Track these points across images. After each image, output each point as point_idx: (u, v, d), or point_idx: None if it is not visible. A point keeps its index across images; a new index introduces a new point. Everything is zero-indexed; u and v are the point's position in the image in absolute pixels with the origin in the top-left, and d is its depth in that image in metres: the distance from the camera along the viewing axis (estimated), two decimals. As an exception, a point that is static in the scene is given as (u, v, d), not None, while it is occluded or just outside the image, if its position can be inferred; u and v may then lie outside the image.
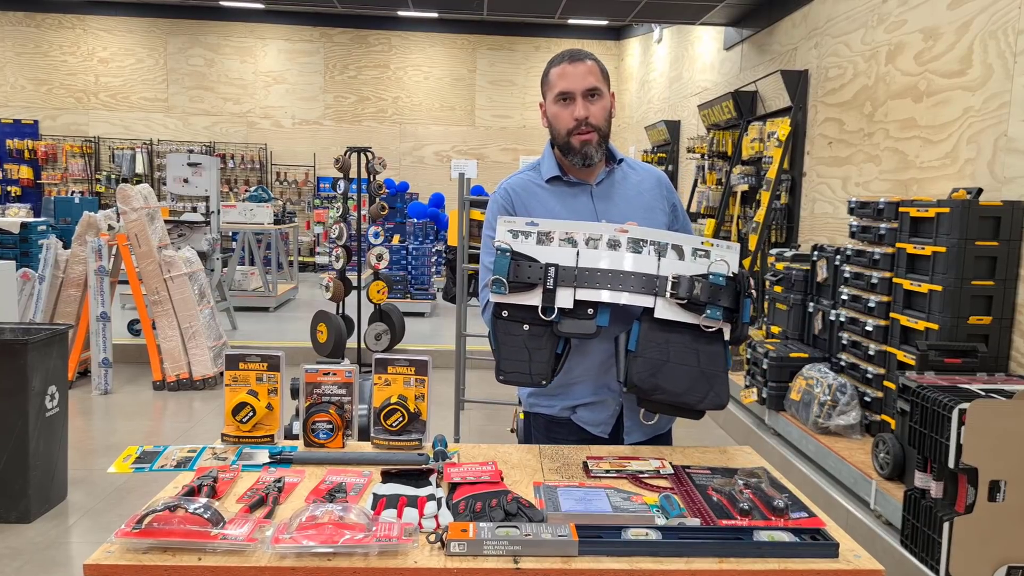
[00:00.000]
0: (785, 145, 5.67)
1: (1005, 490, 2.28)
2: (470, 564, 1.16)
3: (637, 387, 1.60)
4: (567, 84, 1.74)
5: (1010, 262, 3.24)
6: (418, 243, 8.94)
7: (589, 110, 1.74)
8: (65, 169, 12.28)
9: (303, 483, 1.48)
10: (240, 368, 1.70)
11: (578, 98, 1.74)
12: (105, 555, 1.16)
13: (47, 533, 3.25)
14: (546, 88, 1.80)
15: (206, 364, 5.53)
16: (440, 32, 12.68)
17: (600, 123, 1.76)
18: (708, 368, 1.61)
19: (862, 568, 1.19)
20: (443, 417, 4.62)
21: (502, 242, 1.59)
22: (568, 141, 1.76)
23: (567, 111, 1.75)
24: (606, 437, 1.81)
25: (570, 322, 1.59)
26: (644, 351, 1.59)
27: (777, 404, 4.26)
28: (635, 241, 1.60)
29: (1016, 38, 3.40)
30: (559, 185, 1.82)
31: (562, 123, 1.76)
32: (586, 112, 1.73)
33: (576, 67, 1.74)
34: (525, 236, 1.60)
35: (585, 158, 1.77)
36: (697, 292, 1.57)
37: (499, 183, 1.90)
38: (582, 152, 1.76)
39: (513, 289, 1.58)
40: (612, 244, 1.60)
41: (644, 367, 1.58)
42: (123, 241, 5.40)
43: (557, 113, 1.77)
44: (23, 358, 3.24)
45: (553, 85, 1.77)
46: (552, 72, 1.78)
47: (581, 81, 1.73)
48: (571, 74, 1.74)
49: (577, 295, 1.57)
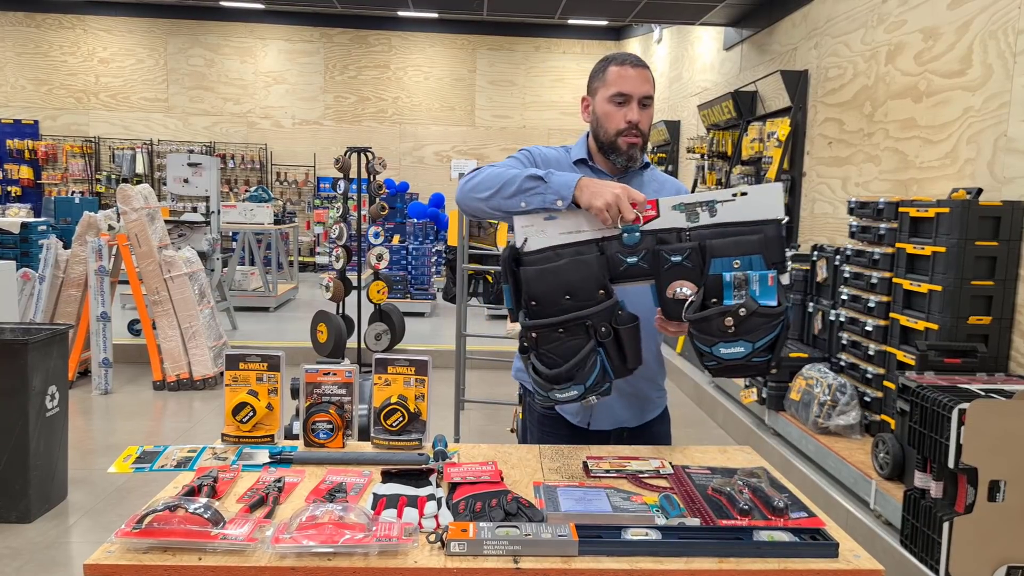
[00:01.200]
0: (785, 145, 5.67)
1: (1005, 490, 2.28)
2: (470, 564, 1.16)
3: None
4: (627, 86, 1.75)
5: (1010, 262, 3.24)
6: (418, 243, 8.94)
7: (641, 116, 1.76)
8: (65, 169, 12.28)
9: (303, 483, 1.48)
10: (240, 368, 1.70)
11: (634, 102, 1.75)
12: (105, 555, 1.17)
13: (47, 533, 3.25)
14: (599, 84, 1.80)
15: (206, 364, 5.53)
16: (440, 32, 12.68)
17: (646, 130, 1.79)
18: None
19: (862, 568, 1.19)
20: (443, 417, 4.62)
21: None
22: (615, 141, 1.78)
23: (620, 112, 1.76)
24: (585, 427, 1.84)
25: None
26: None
27: (777, 404, 4.26)
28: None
29: (1016, 38, 3.40)
30: (584, 169, 1.84)
31: (613, 123, 1.77)
32: (639, 118, 1.76)
33: (638, 73, 1.76)
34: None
35: (629, 160, 1.79)
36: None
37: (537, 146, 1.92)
38: (628, 154, 1.78)
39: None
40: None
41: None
42: (123, 241, 5.40)
43: (610, 112, 1.77)
44: (23, 358, 3.24)
45: (610, 84, 1.77)
46: (611, 71, 1.78)
47: (640, 87, 1.76)
48: (632, 77, 1.76)
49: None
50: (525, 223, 1.49)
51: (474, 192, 1.67)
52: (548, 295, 1.47)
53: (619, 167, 1.81)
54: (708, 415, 5.40)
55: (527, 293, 1.48)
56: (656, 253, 1.47)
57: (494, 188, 1.62)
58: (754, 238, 1.44)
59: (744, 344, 1.44)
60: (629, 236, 1.47)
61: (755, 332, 1.43)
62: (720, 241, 1.45)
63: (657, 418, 1.94)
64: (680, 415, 5.45)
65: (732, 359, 1.45)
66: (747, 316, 1.41)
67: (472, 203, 1.69)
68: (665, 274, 1.47)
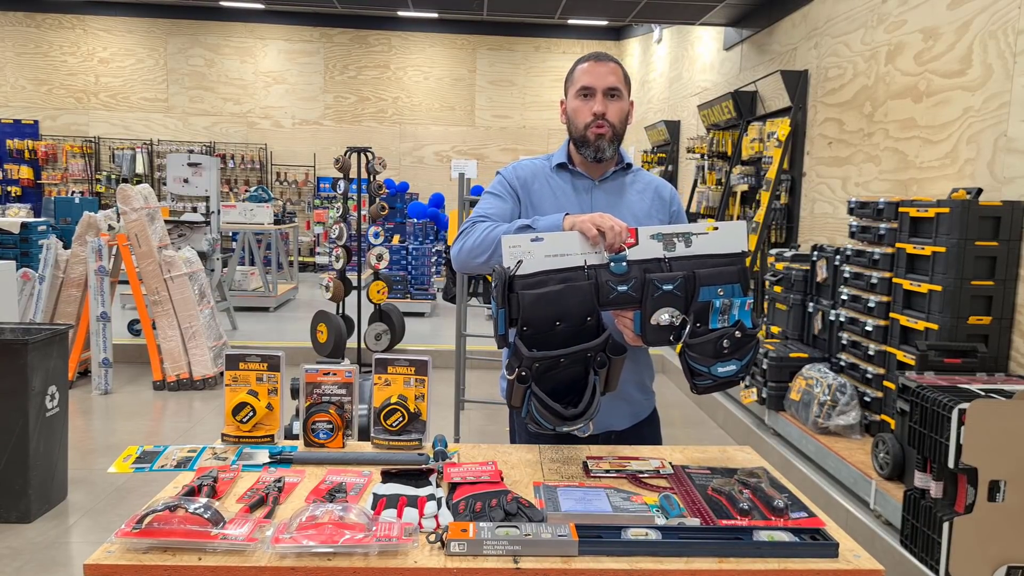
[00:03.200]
0: (785, 145, 5.67)
1: (1005, 490, 2.28)
2: (470, 564, 1.16)
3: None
4: (590, 80, 1.81)
5: (1010, 262, 3.24)
6: (418, 243, 8.94)
7: (607, 107, 1.80)
8: (65, 169, 12.28)
9: (303, 483, 1.48)
10: (240, 368, 1.70)
11: (598, 94, 1.80)
12: (105, 555, 1.16)
13: (47, 533, 3.25)
14: (569, 84, 1.87)
15: (206, 364, 5.53)
16: (440, 32, 12.68)
17: (615, 121, 1.82)
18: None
19: (862, 568, 1.19)
20: (443, 417, 4.62)
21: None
22: (584, 134, 1.82)
23: (587, 106, 1.81)
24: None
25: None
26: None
27: (777, 404, 4.26)
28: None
29: (1016, 38, 3.40)
30: (564, 173, 1.89)
31: (580, 117, 1.82)
32: (604, 108, 1.79)
33: (600, 66, 1.82)
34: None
35: (597, 151, 1.81)
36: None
37: (512, 163, 1.96)
38: (595, 145, 1.81)
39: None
40: None
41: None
42: (123, 241, 5.40)
43: (577, 107, 1.83)
44: (23, 358, 3.24)
45: (576, 80, 1.84)
46: (577, 69, 1.85)
47: (603, 79, 1.80)
48: (594, 72, 1.81)
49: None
50: (513, 244, 1.50)
51: (471, 257, 1.71)
52: (542, 320, 1.48)
53: (591, 160, 1.83)
54: (708, 415, 5.41)
55: (523, 318, 1.47)
56: (646, 282, 1.51)
57: (489, 250, 1.67)
58: (733, 268, 1.54)
59: (735, 362, 1.55)
60: (616, 265, 1.52)
61: (743, 351, 1.54)
62: (707, 271, 1.52)
63: (646, 420, 1.94)
64: (680, 415, 5.46)
65: (726, 376, 1.56)
66: (740, 338, 1.52)
67: (472, 267, 1.72)
68: (654, 301, 1.51)
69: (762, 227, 5.62)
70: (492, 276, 1.53)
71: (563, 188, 1.86)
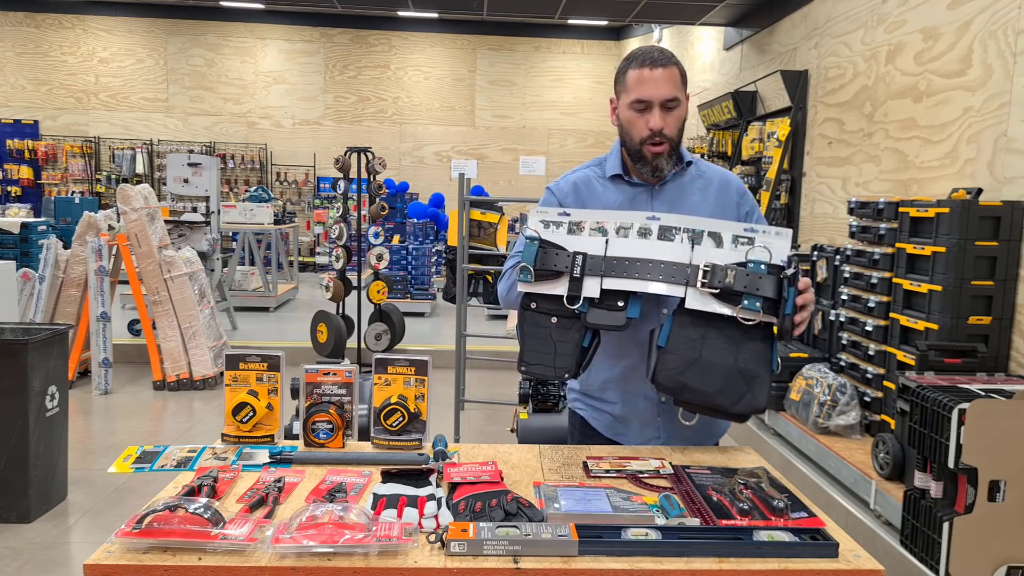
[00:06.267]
0: (785, 145, 5.67)
1: (1005, 490, 2.28)
2: (470, 564, 1.16)
3: (663, 385, 1.53)
4: (645, 92, 1.65)
5: (1010, 262, 3.24)
6: (418, 243, 8.94)
7: (666, 121, 1.65)
8: (65, 169, 12.28)
9: (303, 483, 1.48)
10: (240, 368, 1.70)
11: (655, 108, 1.65)
12: (105, 555, 1.16)
13: (47, 533, 3.24)
14: (621, 89, 1.71)
15: (206, 364, 5.53)
16: (440, 32, 12.68)
17: (674, 134, 1.68)
18: (747, 367, 1.50)
19: (862, 568, 1.19)
20: (443, 417, 4.62)
21: (532, 230, 1.56)
22: (640, 151, 1.69)
23: (642, 120, 1.67)
24: None
25: (598, 312, 1.52)
26: (675, 347, 1.51)
27: (777, 404, 4.26)
28: (666, 228, 1.52)
29: (1016, 38, 3.40)
30: (621, 184, 1.77)
31: (636, 131, 1.68)
32: (662, 123, 1.65)
33: (655, 73, 1.64)
34: (556, 226, 1.56)
35: (655, 170, 1.70)
36: (730, 281, 1.45)
37: (563, 175, 1.84)
38: (653, 164, 1.69)
39: (539, 277, 1.54)
40: (643, 232, 1.52)
41: (672, 364, 1.51)
42: (123, 241, 5.40)
43: (632, 120, 1.68)
44: (23, 358, 3.23)
45: (630, 89, 1.67)
46: (630, 75, 1.67)
47: (660, 89, 1.64)
48: (650, 80, 1.64)
49: (604, 284, 1.51)
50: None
51: (512, 295, 1.69)
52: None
53: (650, 176, 1.73)
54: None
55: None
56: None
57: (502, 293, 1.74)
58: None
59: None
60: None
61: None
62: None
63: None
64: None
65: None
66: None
67: (517, 304, 1.66)
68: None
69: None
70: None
71: (619, 199, 1.75)
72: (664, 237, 1.52)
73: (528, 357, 1.60)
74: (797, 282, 1.47)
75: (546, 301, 1.57)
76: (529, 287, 1.56)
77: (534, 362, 1.60)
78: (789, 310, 1.46)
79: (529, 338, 1.60)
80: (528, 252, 1.54)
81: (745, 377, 1.50)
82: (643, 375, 1.66)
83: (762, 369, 1.51)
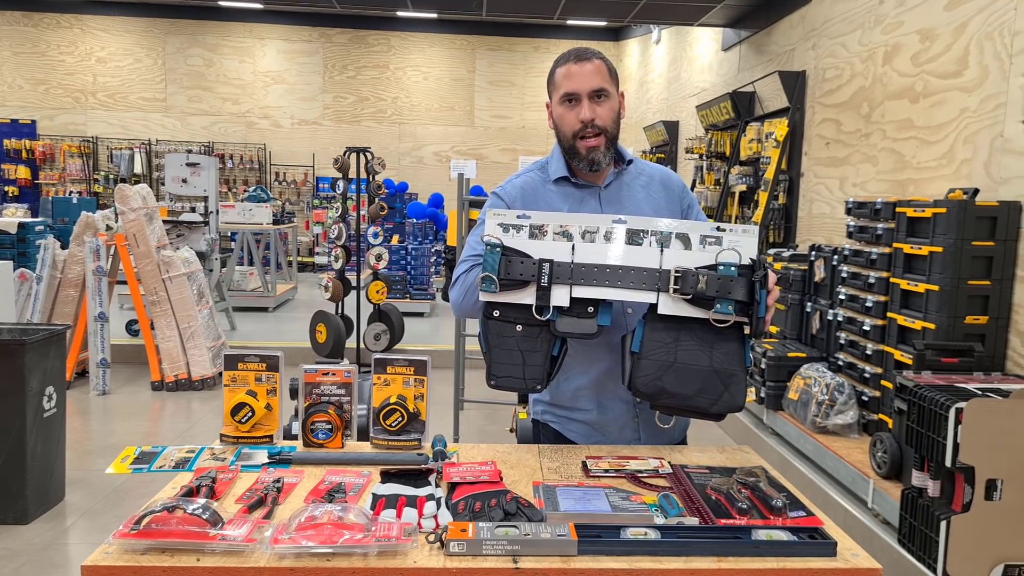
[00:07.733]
0: (783, 146, 5.68)
1: (1002, 489, 2.28)
2: (469, 564, 1.16)
3: (641, 391, 1.51)
4: (572, 85, 1.67)
5: (1006, 262, 3.24)
6: (417, 243, 8.94)
7: (596, 112, 1.67)
8: (63, 169, 12.26)
9: (302, 483, 1.48)
10: (239, 368, 1.70)
11: (584, 99, 1.67)
12: (103, 556, 1.16)
13: (45, 534, 3.24)
14: (551, 88, 1.73)
15: (205, 364, 5.52)
16: (439, 32, 12.68)
17: (607, 125, 1.69)
18: (722, 367, 1.49)
19: (860, 567, 1.20)
20: (442, 417, 4.62)
21: (492, 236, 1.49)
22: (574, 145, 1.70)
23: (572, 113, 1.68)
24: None
25: (568, 320, 1.48)
26: (649, 352, 1.48)
27: (775, 404, 4.27)
28: (634, 232, 1.48)
29: (1012, 39, 3.41)
30: (566, 186, 1.76)
31: (567, 125, 1.69)
32: (592, 114, 1.66)
33: (582, 67, 1.67)
34: (516, 230, 1.50)
35: (592, 164, 1.70)
36: (703, 286, 1.44)
37: (502, 182, 1.83)
38: (588, 158, 1.69)
39: (504, 287, 1.48)
40: (609, 236, 1.49)
41: (648, 370, 1.48)
42: (121, 241, 5.39)
43: (562, 115, 1.70)
44: (21, 359, 3.23)
45: (558, 85, 1.70)
46: (557, 72, 1.71)
47: (587, 81, 1.66)
48: (576, 74, 1.67)
49: (574, 292, 1.47)
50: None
51: (468, 302, 1.65)
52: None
53: (587, 171, 1.72)
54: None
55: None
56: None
57: (456, 298, 1.69)
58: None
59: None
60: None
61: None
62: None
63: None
64: (678, 415, 5.46)
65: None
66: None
67: (475, 312, 1.64)
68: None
69: (760, 227, 5.63)
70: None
71: (569, 203, 1.74)
72: (632, 241, 1.48)
73: (496, 370, 1.55)
74: (767, 283, 1.47)
75: (510, 309, 1.51)
76: (493, 296, 1.49)
77: (503, 375, 1.55)
78: (762, 312, 1.46)
79: (496, 350, 1.54)
80: (490, 260, 1.48)
81: (721, 377, 1.49)
82: (616, 379, 1.65)
83: (737, 368, 1.50)
